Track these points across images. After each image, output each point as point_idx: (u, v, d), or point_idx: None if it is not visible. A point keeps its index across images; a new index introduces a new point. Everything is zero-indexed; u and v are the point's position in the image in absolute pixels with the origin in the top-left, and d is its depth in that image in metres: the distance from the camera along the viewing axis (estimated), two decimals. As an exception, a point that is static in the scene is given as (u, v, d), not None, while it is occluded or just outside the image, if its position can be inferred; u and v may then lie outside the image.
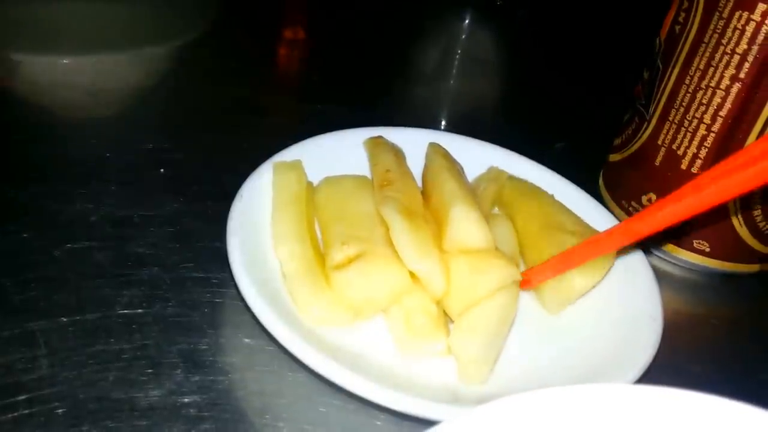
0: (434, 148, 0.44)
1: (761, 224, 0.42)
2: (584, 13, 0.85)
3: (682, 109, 0.41)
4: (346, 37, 0.71)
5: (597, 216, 0.44)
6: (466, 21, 0.77)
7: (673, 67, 0.42)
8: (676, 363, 0.39)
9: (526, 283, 0.40)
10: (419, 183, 0.42)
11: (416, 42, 0.72)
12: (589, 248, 0.38)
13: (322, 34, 0.73)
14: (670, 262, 0.46)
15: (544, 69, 0.72)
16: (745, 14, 0.37)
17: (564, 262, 0.39)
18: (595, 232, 0.42)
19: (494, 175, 0.46)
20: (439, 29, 0.75)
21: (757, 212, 0.42)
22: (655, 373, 0.35)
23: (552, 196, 0.44)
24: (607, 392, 0.23)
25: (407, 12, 0.78)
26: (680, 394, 0.23)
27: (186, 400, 0.33)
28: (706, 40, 0.39)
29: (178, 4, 0.71)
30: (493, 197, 0.45)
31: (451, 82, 0.67)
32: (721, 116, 0.40)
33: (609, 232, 0.38)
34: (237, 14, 0.72)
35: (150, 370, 0.34)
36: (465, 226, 0.37)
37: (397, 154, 0.43)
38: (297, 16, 0.77)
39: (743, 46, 0.38)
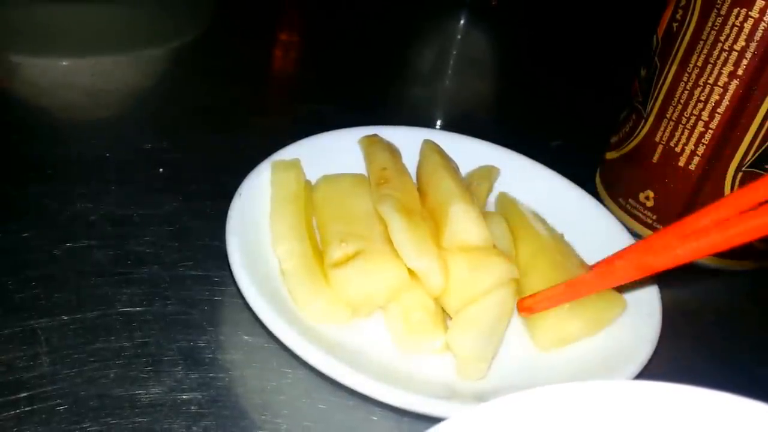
0: (429, 145, 0.44)
1: (758, 220, 0.42)
2: (579, 12, 0.85)
3: (679, 107, 0.42)
4: (342, 38, 0.71)
5: (594, 214, 0.44)
6: (462, 21, 0.77)
7: (671, 65, 0.42)
8: (673, 358, 0.39)
9: (528, 309, 0.38)
10: (415, 180, 0.43)
11: (412, 42, 0.72)
12: (598, 278, 0.37)
13: (318, 35, 0.73)
14: (667, 259, 0.46)
15: (539, 68, 0.72)
16: (743, 11, 0.37)
17: (571, 290, 0.37)
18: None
19: (486, 172, 0.46)
20: (434, 30, 0.75)
21: (753, 208, 0.42)
22: (653, 368, 0.35)
23: (551, 228, 0.43)
24: (608, 389, 0.23)
25: (403, 13, 0.78)
26: (679, 389, 0.23)
27: (186, 397, 0.33)
28: (703, 37, 0.39)
29: (175, 6, 0.71)
30: (487, 195, 0.45)
31: (447, 82, 0.67)
32: (719, 113, 0.40)
33: (622, 264, 0.36)
34: (233, 16, 0.72)
35: (150, 368, 0.34)
36: (464, 223, 0.37)
37: (393, 152, 0.43)
38: (293, 17, 0.77)
39: (741, 42, 0.38)
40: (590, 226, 0.44)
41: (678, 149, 0.42)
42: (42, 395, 0.32)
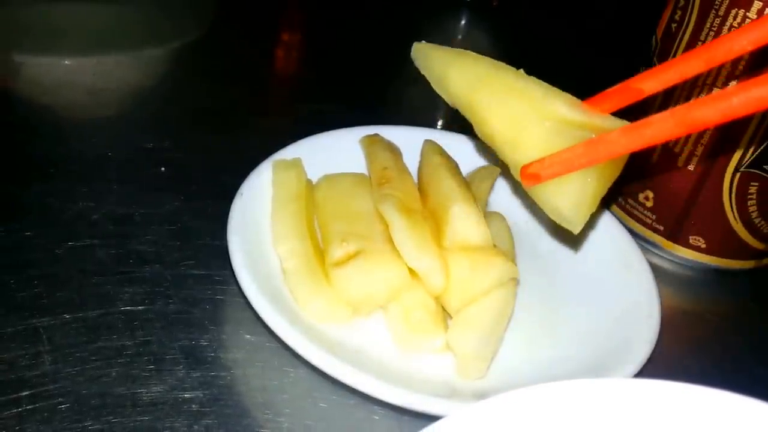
0: (430, 145, 0.44)
1: (756, 220, 0.43)
2: (579, 13, 0.85)
3: (678, 107, 0.42)
4: (343, 38, 0.72)
5: (595, 215, 0.44)
6: (462, 21, 0.78)
7: (670, 66, 0.42)
8: (672, 358, 0.39)
9: (533, 177, 0.33)
10: (415, 180, 0.43)
11: (413, 42, 0.72)
12: (627, 136, 0.30)
13: (320, 35, 0.73)
14: (666, 258, 0.46)
15: (539, 69, 0.72)
16: (741, 12, 0.37)
17: (591, 152, 0.32)
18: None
19: (487, 171, 0.46)
20: (435, 30, 0.75)
21: (752, 208, 0.42)
22: (652, 369, 0.35)
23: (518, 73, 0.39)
24: (605, 386, 0.23)
25: (404, 12, 0.78)
26: (677, 387, 0.23)
27: (188, 395, 0.33)
28: (702, 37, 0.40)
29: (177, 6, 0.72)
30: (488, 194, 0.45)
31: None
32: (717, 114, 0.40)
33: (661, 119, 0.29)
34: (235, 16, 0.72)
35: (152, 366, 0.34)
36: (465, 223, 0.37)
37: (394, 151, 0.43)
38: (294, 17, 0.77)
39: (739, 43, 0.38)
40: (590, 226, 0.44)
41: (677, 150, 0.42)
42: (44, 394, 0.32)
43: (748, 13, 0.37)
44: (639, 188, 0.45)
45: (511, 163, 0.37)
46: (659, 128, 0.29)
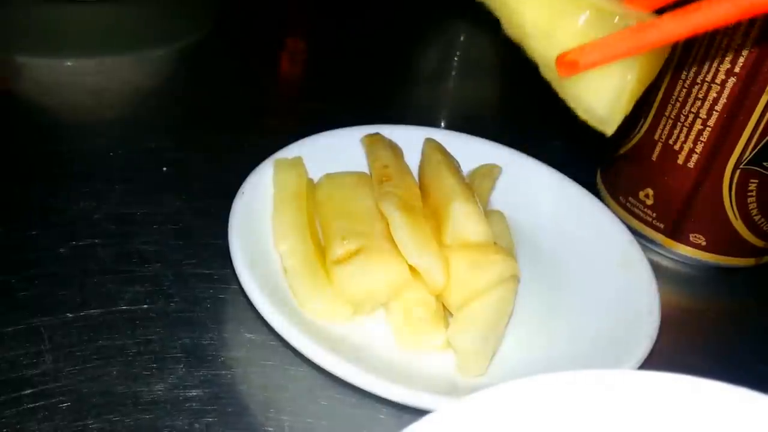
0: (431, 143, 0.44)
1: (757, 218, 0.43)
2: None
3: (678, 105, 0.42)
4: (346, 41, 0.72)
5: (595, 212, 0.44)
6: (466, 23, 0.77)
7: (669, 63, 0.42)
8: (672, 356, 0.39)
9: (571, 66, 0.31)
10: (416, 178, 0.43)
11: (416, 44, 0.72)
12: (678, 21, 0.27)
13: (323, 37, 0.73)
14: (666, 256, 0.46)
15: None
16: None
17: (637, 38, 0.28)
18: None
19: (488, 170, 0.46)
20: (438, 32, 0.75)
21: (752, 205, 0.42)
22: (652, 366, 0.35)
23: None
24: (597, 378, 0.23)
25: (407, 15, 0.78)
26: (677, 380, 0.23)
27: (189, 394, 0.33)
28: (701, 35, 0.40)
29: (180, 7, 0.72)
30: (489, 193, 0.45)
31: (450, 83, 0.67)
32: (716, 111, 0.40)
33: (714, 1, 0.26)
34: (238, 17, 0.72)
35: (153, 365, 0.34)
36: (465, 221, 0.38)
37: (395, 149, 0.44)
38: (298, 19, 0.77)
39: (738, 40, 0.38)
40: (591, 224, 0.44)
41: (677, 147, 0.42)
42: (45, 392, 0.32)
43: None
44: (639, 186, 0.45)
45: (540, 59, 0.34)
46: (713, 12, 0.26)
